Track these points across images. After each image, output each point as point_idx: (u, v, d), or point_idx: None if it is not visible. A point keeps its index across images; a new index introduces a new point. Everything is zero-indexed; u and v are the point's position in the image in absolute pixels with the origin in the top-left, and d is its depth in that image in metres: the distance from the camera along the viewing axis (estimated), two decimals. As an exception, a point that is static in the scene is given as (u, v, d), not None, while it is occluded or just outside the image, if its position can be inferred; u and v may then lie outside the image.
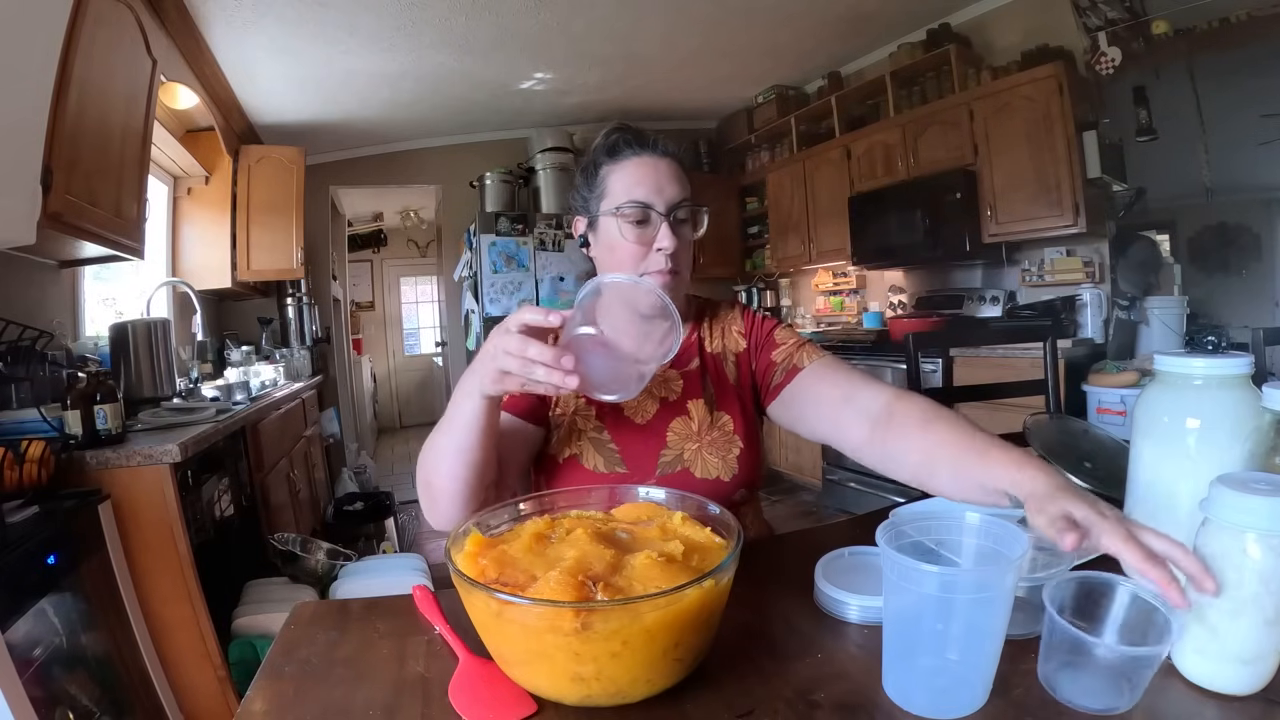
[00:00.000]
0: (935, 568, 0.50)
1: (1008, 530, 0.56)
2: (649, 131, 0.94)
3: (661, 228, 0.88)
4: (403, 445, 6.66)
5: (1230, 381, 0.61)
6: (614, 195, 0.90)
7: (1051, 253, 3.08)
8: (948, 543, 0.59)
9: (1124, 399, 2.42)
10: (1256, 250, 2.55)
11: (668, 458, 0.94)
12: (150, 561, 1.52)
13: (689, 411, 0.96)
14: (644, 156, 0.90)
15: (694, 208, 0.91)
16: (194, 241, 3.29)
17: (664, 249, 0.88)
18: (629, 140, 0.91)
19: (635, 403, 0.96)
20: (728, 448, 0.95)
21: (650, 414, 0.95)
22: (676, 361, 0.98)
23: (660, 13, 3.13)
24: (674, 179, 0.90)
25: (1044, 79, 2.83)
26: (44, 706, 1.15)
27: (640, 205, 0.88)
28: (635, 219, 0.88)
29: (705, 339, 1.01)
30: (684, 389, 0.97)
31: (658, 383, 0.97)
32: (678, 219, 0.90)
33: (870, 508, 1.17)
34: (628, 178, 0.90)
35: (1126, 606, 0.56)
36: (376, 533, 3.25)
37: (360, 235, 7.17)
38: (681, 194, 0.90)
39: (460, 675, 0.58)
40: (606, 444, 0.94)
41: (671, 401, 0.96)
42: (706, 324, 1.03)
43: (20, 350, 1.64)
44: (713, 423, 0.95)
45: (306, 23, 2.78)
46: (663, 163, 0.90)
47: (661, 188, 0.89)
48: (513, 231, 3.95)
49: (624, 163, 0.91)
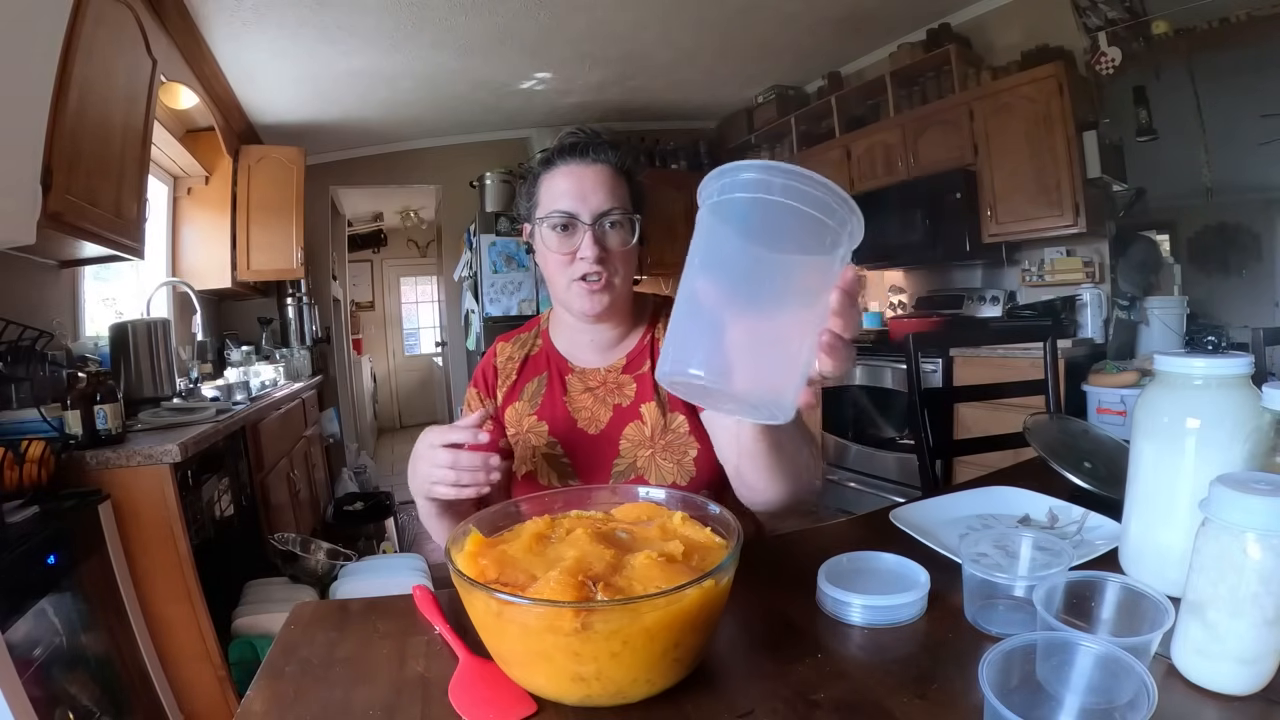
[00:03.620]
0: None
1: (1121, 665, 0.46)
2: (597, 136, 0.93)
3: (585, 237, 0.88)
4: (403, 445, 6.65)
5: (1230, 381, 0.61)
6: (543, 204, 0.91)
7: (1051, 253, 3.08)
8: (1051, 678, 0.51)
9: (1124, 399, 2.42)
10: (1256, 250, 2.55)
11: (620, 466, 0.93)
12: (150, 561, 1.52)
13: (641, 415, 0.95)
14: (573, 165, 0.91)
15: (624, 215, 0.90)
16: (194, 241, 3.29)
17: (585, 258, 0.88)
18: (565, 149, 0.92)
19: (589, 413, 0.96)
20: (683, 450, 0.92)
21: (604, 422, 0.95)
22: (629, 366, 0.98)
23: (660, 13, 3.13)
24: (601, 186, 0.89)
25: (1044, 79, 2.83)
26: (44, 706, 1.15)
27: (563, 214, 0.89)
28: (559, 226, 0.89)
29: (660, 340, 0.98)
30: (637, 392, 0.96)
31: (610, 390, 0.97)
32: (605, 227, 0.89)
33: (870, 508, 1.17)
34: (555, 187, 0.90)
35: (1119, 603, 0.56)
36: (376, 533, 3.25)
37: (360, 235, 7.16)
38: (610, 203, 0.89)
39: (460, 675, 0.58)
40: (559, 458, 0.94)
41: (625, 407, 0.95)
42: (661, 324, 1.00)
43: (20, 350, 1.64)
44: (666, 425, 0.93)
45: (306, 23, 2.78)
46: (591, 170, 0.90)
47: (585, 196, 0.88)
48: (512, 231, 3.95)
49: (554, 171, 0.91)
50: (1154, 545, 0.66)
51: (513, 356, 1.03)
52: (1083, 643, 0.48)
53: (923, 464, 1.50)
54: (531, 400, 0.98)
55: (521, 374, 1.01)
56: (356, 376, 5.78)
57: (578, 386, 0.98)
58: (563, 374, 0.99)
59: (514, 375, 1.01)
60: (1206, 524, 0.52)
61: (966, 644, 0.61)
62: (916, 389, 1.53)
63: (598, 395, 0.97)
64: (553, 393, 0.98)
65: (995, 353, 2.71)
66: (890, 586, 0.67)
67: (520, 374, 1.01)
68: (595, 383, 0.98)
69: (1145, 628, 0.53)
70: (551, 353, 1.01)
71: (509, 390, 1.00)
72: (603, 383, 0.97)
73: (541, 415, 0.97)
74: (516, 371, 1.01)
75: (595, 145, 0.91)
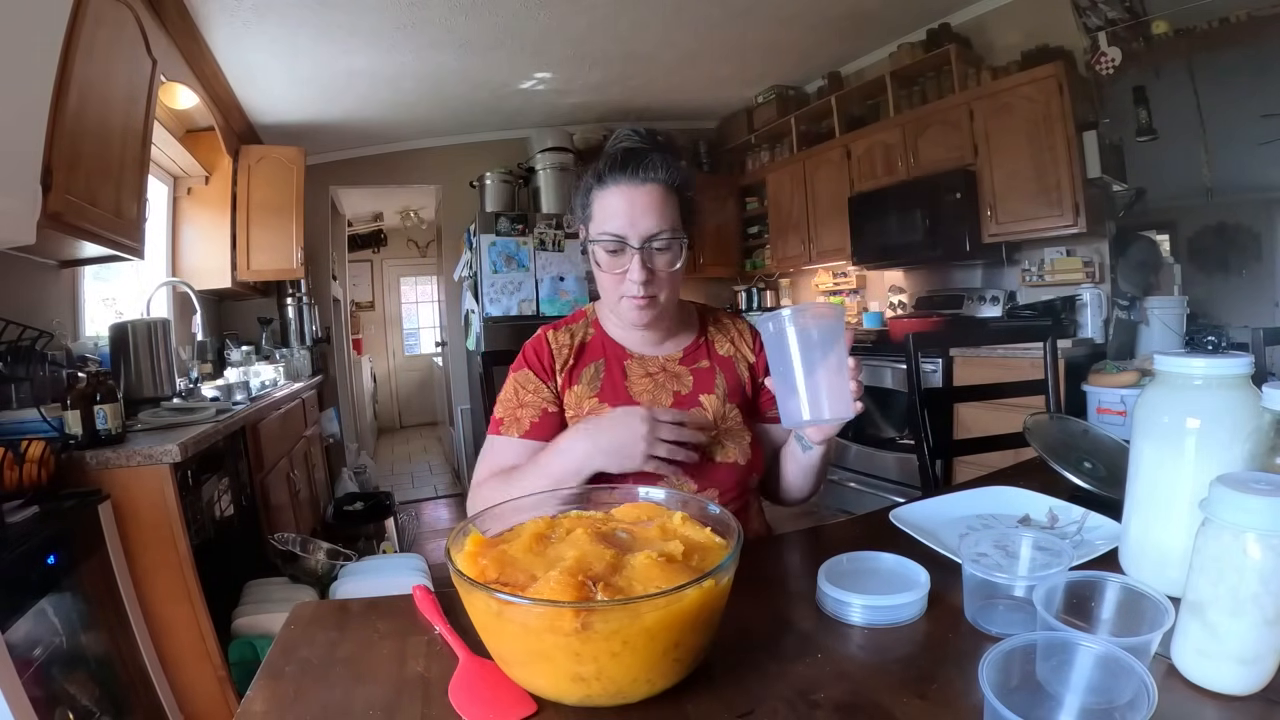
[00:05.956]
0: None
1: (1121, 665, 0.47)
2: (645, 151, 0.94)
3: (634, 260, 0.91)
4: (403, 445, 6.66)
5: (1230, 381, 0.61)
6: (596, 222, 0.95)
7: (1051, 253, 3.08)
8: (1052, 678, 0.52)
9: (1124, 399, 2.42)
10: (1256, 250, 2.55)
11: None
12: (150, 561, 1.52)
13: (702, 404, 1.00)
14: (624, 185, 0.92)
15: (671, 239, 0.93)
16: (194, 241, 3.28)
17: (634, 280, 0.92)
18: (618, 164, 0.93)
19: (651, 396, 1.01)
20: (741, 435, 1.00)
21: (666, 406, 0.99)
22: (686, 359, 1.04)
23: (660, 13, 3.13)
24: (651, 210, 0.92)
25: (1044, 79, 2.83)
26: (44, 706, 1.15)
27: (614, 238, 0.92)
28: (610, 249, 0.93)
29: (714, 342, 1.07)
30: (694, 384, 1.02)
31: (669, 377, 1.02)
32: (654, 249, 0.92)
33: (870, 508, 1.17)
34: (607, 208, 0.93)
35: (1119, 603, 0.56)
36: (376, 533, 3.25)
37: (360, 235, 7.16)
38: (659, 225, 0.92)
39: (460, 675, 0.58)
40: None
41: (684, 395, 1.01)
42: (711, 329, 1.09)
43: (20, 350, 1.64)
44: (725, 414, 1.01)
45: (307, 23, 2.78)
46: (642, 192, 0.92)
47: (635, 221, 0.91)
48: (513, 231, 3.95)
49: (607, 190, 0.93)
50: (1154, 545, 0.66)
51: (566, 343, 1.04)
52: (1083, 643, 0.48)
53: (923, 464, 1.50)
54: (591, 384, 1.01)
55: (579, 359, 1.03)
56: (356, 376, 5.78)
57: (637, 371, 1.02)
58: (621, 360, 1.03)
59: (571, 360, 1.03)
60: (1206, 524, 0.52)
61: (966, 644, 0.61)
62: (916, 389, 1.53)
63: (657, 381, 1.02)
64: (612, 377, 1.02)
65: (995, 353, 2.71)
66: (890, 586, 0.67)
67: (578, 360, 1.03)
68: (655, 369, 1.03)
69: (1145, 628, 0.53)
70: (607, 340, 1.05)
71: (567, 374, 1.02)
72: (661, 369, 1.03)
73: (603, 398, 1.00)
74: (574, 356, 1.03)
75: (646, 164, 0.92)
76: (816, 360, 0.79)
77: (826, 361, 0.79)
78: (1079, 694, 0.49)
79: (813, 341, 0.80)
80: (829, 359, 0.79)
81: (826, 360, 0.79)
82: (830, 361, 0.79)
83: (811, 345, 0.80)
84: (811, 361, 0.79)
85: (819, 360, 0.79)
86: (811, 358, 0.79)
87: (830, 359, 0.79)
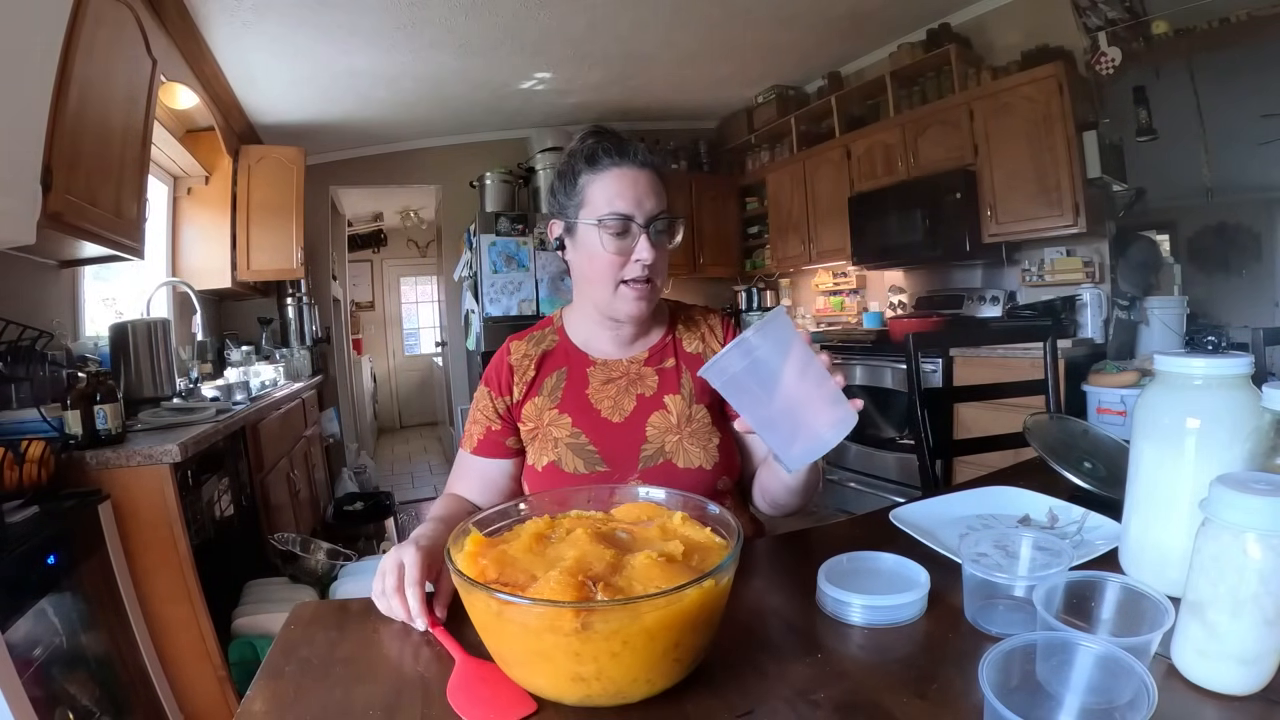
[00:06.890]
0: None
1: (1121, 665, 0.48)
2: (627, 138, 0.95)
3: (641, 240, 0.91)
4: (403, 445, 6.66)
5: (1230, 381, 0.61)
6: (594, 205, 0.92)
7: (1051, 253, 3.08)
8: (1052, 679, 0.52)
9: (1124, 399, 2.42)
10: (1256, 250, 2.55)
11: (649, 451, 0.95)
12: (150, 561, 1.52)
13: (666, 406, 0.98)
14: (624, 167, 0.92)
15: (671, 219, 0.93)
16: (194, 241, 3.28)
17: (643, 260, 0.90)
18: (608, 149, 0.92)
19: (612, 402, 0.99)
20: (708, 437, 0.97)
21: (628, 410, 0.98)
22: (651, 359, 1.02)
23: (660, 13, 3.13)
24: (653, 191, 0.92)
25: (1044, 79, 2.83)
26: (44, 706, 1.15)
27: (621, 217, 0.90)
28: (615, 230, 0.90)
29: (682, 340, 1.04)
30: (659, 384, 1.00)
31: (632, 380, 1.00)
32: (656, 230, 0.92)
33: (870, 508, 1.17)
34: (608, 189, 0.91)
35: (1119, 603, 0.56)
36: (376, 533, 3.25)
37: (360, 235, 7.16)
38: (659, 206, 0.92)
39: (458, 676, 0.58)
40: (585, 447, 0.96)
41: (648, 397, 0.99)
42: (680, 326, 1.06)
43: (20, 350, 1.64)
44: (690, 415, 0.98)
45: (306, 23, 2.78)
46: (642, 174, 0.92)
47: (641, 200, 0.91)
48: (513, 231, 3.95)
49: (604, 173, 0.92)
50: (1154, 545, 0.66)
51: (528, 354, 1.04)
52: (1083, 643, 0.48)
53: (923, 464, 1.50)
54: (552, 395, 1.00)
55: (540, 369, 1.03)
56: (356, 376, 5.78)
57: (600, 378, 1.01)
58: (583, 367, 1.02)
59: (532, 371, 1.02)
60: (1206, 524, 0.52)
61: (966, 644, 0.61)
62: (916, 389, 1.53)
63: (620, 385, 1.00)
64: (574, 386, 1.00)
65: (995, 353, 2.71)
66: (890, 586, 0.67)
67: (539, 370, 1.03)
68: (618, 373, 1.01)
69: (1145, 628, 0.53)
70: (570, 348, 1.04)
71: (527, 386, 1.02)
72: (625, 373, 1.01)
73: (563, 409, 0.99)
74: (535, 367, 1.03)
75: (637, 148, 0.93)
76: (787, 382, 0.67)
77: (804, 376, 0.68)
78: (1079, 694, 0.49)
79: (770, 368, 0.67)
80: (801, 372, 0.68)
81: (804, 375, 0.68)
82: (808, 374, 0.68)
83: (771, 372, 0.67)
84: (782, 388, 0.67)
85: (792, 380, 0.67)
86: (779, 384, 0.67)
87: (802, 371, 0.68)
